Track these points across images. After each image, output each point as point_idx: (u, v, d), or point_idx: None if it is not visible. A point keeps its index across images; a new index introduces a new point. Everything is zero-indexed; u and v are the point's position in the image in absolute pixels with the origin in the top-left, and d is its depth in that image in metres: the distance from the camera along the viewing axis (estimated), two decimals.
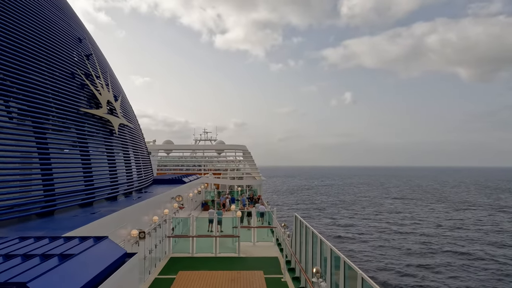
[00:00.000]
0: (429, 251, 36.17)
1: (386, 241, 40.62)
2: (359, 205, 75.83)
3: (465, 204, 79.22)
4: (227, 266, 15.99)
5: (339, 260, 8.82)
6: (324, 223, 53.86)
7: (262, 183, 44.02)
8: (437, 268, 30.26)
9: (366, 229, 48.16)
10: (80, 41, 14.36)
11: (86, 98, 13.00)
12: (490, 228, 49.37)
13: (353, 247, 38.15)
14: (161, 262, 16.48)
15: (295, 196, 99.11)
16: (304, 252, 13.37)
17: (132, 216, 12.27)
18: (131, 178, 16.72)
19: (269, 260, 17.06)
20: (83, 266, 4.32)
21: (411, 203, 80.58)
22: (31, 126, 9.70)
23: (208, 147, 47.24)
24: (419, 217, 59.26)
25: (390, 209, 69.62)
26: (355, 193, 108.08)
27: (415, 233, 45.05)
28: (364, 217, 59.47)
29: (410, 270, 29.78)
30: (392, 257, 34.02)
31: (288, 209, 66.14)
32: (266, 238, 21.21)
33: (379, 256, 34.31)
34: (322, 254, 10.92)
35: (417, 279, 27.43)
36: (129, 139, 17.41)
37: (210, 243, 18.41)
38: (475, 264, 31.65)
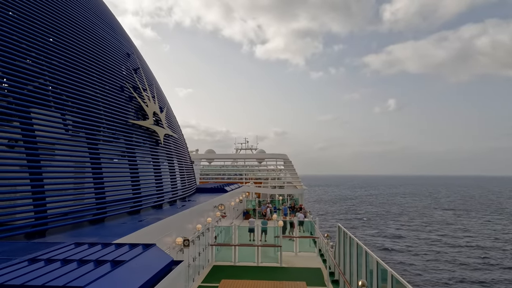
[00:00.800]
0: (485, 266, 33.91)
1: (437, 255, 38.56)
2: (407, 216, 72.74)
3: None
4: (269, 275, 15.89)
5: (386, 273, 8.47)
6: (369, 234, 52.20)
7: (304, 192, 43.56)
8: (495, 286, 28.28)
9: (415, 241, 46.03)
10: (129, 56, 15.09)
11: (134, 110, 13.59)
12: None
13: (401, 260, 36.59)
14: (204, 270, 16.69)
15: (337, 205, 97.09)
16: (348, 264, 13.00)
17: (176, 224, 12.57)
18: (176, 186, 17.18)
19: (311, 271, 16.75)
20: (133, 273, 4.47)
21: (464, 214, 76.09)
22: (84, 138, 10.28)
23: (249, 156, 47.61)
24: (474, 229, 55.75)
25: (440, 220, 66.17)
26: (402, 203, 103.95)
27: (470, 247, 42.43)
28: (412, 228, 56.90)
29: (464, 286, 28.07)
30: (444, 271, 32.23)
31: (331, 219, 64.91)
32: (308, 249, 20.87)
33: (430, 270, 32.63)
34: (367, 267, 10.56)
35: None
36: (174, 149, 17.94)
37: (252, 252, 18.39)
38: None
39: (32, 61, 9.09)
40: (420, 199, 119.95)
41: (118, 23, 16.61)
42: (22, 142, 8.26)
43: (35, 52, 9.17)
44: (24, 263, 4.38)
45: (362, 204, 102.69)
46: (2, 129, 8.13)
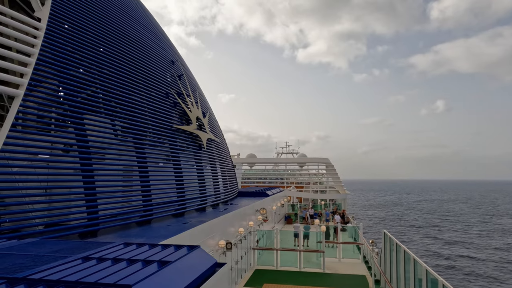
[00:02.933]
0: None
1: (495, 266, 36.11)
2: (460, 224, 68.78)
3: None
4: (311, 281, 15.66)
5: (437, 283, 8.07)
6: (417, 241, 49.98)
7: (347, 197, 42.63)
8: None
9: (469, 250, 43.43)
10: (173, 63, 15.59)
11: (178, 115, 14.00)
12: None
13: (454, 270, 34.68)
14: (247, 273, 16.75)
15: (383, 211, 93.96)
16: (395, 272, 12.52)
17: (219, 227, 12.74)
18: (218, 190, 17.44)
19: (356, 278, 16.30)
20: (179, 273, 4.57)
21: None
22: (132, 142, 10.72)
23: (290, 160, 47.40)
24: None
25: (499, 228, 61.91)
26: (454, 210, 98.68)
27: None
28: (467, 237, 53.66)
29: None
30: (501, 282, 30.16)
31: (376, 225, 62.92)
32: (352, 255, 20.35)
33: (485, 280, 30.68)
34: (416, 275, 10.11)
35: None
36: (216, 153, 18.24)
37: (295, 257, 18.23)
38: None
39: (84, 70, 9.64)
40: (474, 205, 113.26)
41: (163, 32, 17.22)
42: (76, 147, 8.76)
43: (87, 62, 9.72)
44: (78, 261, 4.62)
45: (409, 210, 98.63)
46: (58, 134, 8.67)
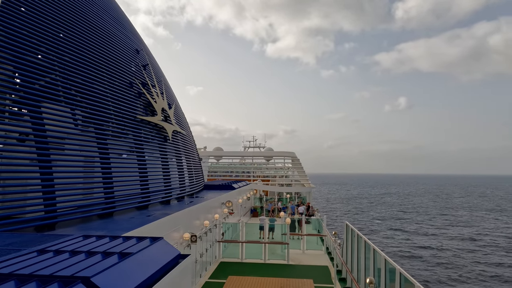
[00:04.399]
0: (503, 267, 33.51)
1: (451, 255, 38.13)
2: (420, 216, 72.01)
3: None
4: (276, 273, 15.90)
5: (395, 271, 8.42)
6: (378, 233, 51.88)
7: (312, 191, 43.44)
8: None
9: (428, 242, 45.54)
10: (138, 52, 15.17)
11: (142, 106, 13.67)
12: None
13: (412, 259, 36.33)
14: (212, 266, 16.75)
15: (346, 204, 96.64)
16: (356, 262, 12.95)
17: (184, 219, 12.63)
18: (183, 183, 17.25)
19: (319, 269, 16.72)
20: (141, 265, 4.50)
21: (484, 215, 74.58)
22: (94, 133, 10.37)
23: (257, 153, 47.60)
24: (495, 232, 54.58)
25: (457, 221, 65.20)
26: (414, 203, 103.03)
27: (489, 250, 41.73)
28: (426, 228, 56.21)
29: (475, 283, 27.79)
30: (456, 269, 31.94)
31: (339, 218, 64.65)
32: (315, 247, 20.84)
33: (442, 269, 32.40)
34: (375, 265, 10.50)
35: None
36: (182, 146, 18.01)
37: (260, 249, 18.42)
38: None
39: (43, 57, 9.19)
40: (434, 199, 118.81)
41: (128, 20, 16.70)
42: (33, 136, 8.35)
43: (46, 48, 9.26)
44: (33, 253, 4.43)
45: (372, 203, 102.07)
46: (13, 123, 8.23)
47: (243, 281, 14.39)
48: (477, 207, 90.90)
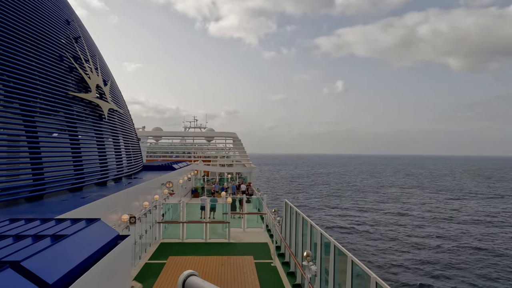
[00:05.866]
0: (425, 240, 36.91)
1: (386, 229, 41.17)
2: (355, 194, 76.58)
3: (461, 192, 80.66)
4: (217, 251, 16.10)
5: (329, 245, 8.92)
6: (316, 210, 54.40)
7: (253, 171, 44.13)
8: (425, 253, 30.97)
9: (360, 217, 48.70)
10: (68, 23, 14.04)
11: (74, 81, 12.77)
12: (487, 216, 50.40)
13: (345, 233, 38.73)
14: (152, 247, 16.51)
15: (286, 183, 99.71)
16: (294, 238, 13.51)
17: (122, 201, 12.22)
18: (121, 163, 16.60)
19: (259, 246, 17.21)
20: (76, 247, 4.29)
21: (409, 192, 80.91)
22: (19, 109, 9.51)
23: (198, 134, 47.04)
24: (418, 207, 59.45)
25: (385, 198, 70.23)
26: (348, 182, 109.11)
27: (413, 222, 45.62)
28: (358, 205, 60.00)
29: (397, 254, 30.43)
30: (385, 242, 34.66)
31: (280, 197, 66.61)
32: (256, 225, 21.37)
33: (371, 242, 34.98)
34: (312, 240, 11.04)
35: (403, 263, 28.06)
36: (119, 125, 17.23)
37: (200, 229, 18.47)
38: (466, 251, 32.45)
39: None
40: (366, 178, 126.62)
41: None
42: None
43: None
44: None
45: (311, 182, 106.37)
46: None
47: (183, 261, 14.41)
48: (404, 185, 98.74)
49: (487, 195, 74.84)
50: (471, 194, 76.55)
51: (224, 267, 13.72)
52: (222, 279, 12.56)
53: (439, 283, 24.38)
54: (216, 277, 12.71)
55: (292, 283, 12.28)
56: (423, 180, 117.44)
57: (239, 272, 13.22)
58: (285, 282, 12.49)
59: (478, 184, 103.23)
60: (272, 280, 12.76)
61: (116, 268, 5.11)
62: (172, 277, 12.60)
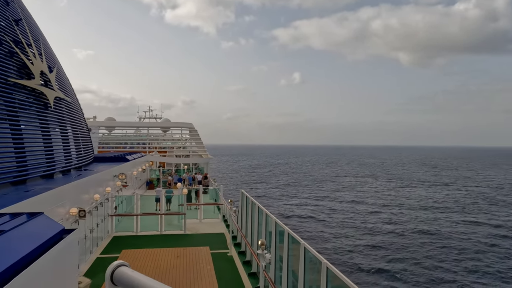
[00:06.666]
0: (374, 226, 38.63)
1: (342, 217, 42.60)
2: (310, 183, 78.43)
3: (410, 180, 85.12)
4: (172, 243, 15.91)
5: (284, 233, 9.09)
6: (275, 200, 55.18)
7: (210, 162, 43.82)
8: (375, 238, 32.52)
9: (318, 206, 50.07)
10: (7, 4, 13.02)
11: (15, 67, 11.91)
12: (434, 202, 53.57)
13: (303, 221, 39.70)
14: (104, 241, 15.98)
15: (244, 174, 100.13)
16: (250, 227, 13.64)
17: (71, 194, 11.68)
18: (69, 155, 15.82)
19: (215, 236, 17.22)
20: (16, 243, 4.04)
21: (363, 181, 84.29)
22: None
23: (153, 124, 45.80)
24: (371, 195, 62.13)
25: (340, 187, 72.59)
26: (305, 172, 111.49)
27: (366, 210, 47.59)
28: (315, 194, 61.58)
29: (347, 240, 31.72)
30: (340, 229, 35.94)
31: (237, 187, 66.84)
32: (212, 215, 21.34)
33: (328, 229, 36.24)
34: (267, 228, 11.20)
35: (352, 246, 29.31)
36: (67, 114, 16.36)
37: (155, 221, 18.15)
38: (413, 236, 34.40)
39: None
40: (323, 168, 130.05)
41: None
42: None
43: None
44: None
45: (269, 172, 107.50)
46: None
47: (137, 254, 14.12)
48: (358, 174, 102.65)
49: (434, 183, 79.76)
50: (419, 182, 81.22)
51: (180, 259, 13.59)
52: (177, 270, 12.43)
53: (390, 266, 25.76)
54: (171, 269, 12.56)
55: (247, 272, 12.41)
56: (376, 169, 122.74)
57: (194, 263, 13.15)
58: (241, 271, 12.60)
59: (425, 172, 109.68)
60: (228, 269, 12.82)
61: (61, 264, 4.88)
62: None
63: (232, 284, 11.60)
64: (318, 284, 6.64)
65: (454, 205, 51.07)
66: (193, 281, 11.57)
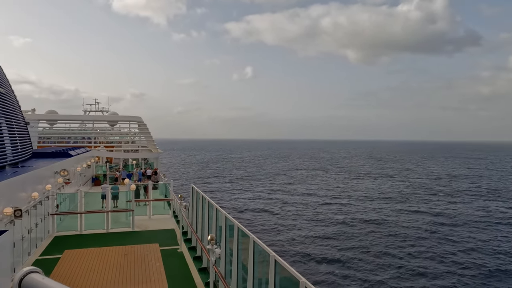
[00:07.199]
0: (324, 217, 39.77)
1: (288, 208, 43.39)
2: (263, 177, 79.06)
3: (358, 173, 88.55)
4: (120, 241, 15.34)
5: (233, 227, 9.06)
6: (228, 194, 55.06)
7: (160, 156, 42.70)
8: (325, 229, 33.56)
9: (271, 199, 50.55)
10: None
11: None
12: (380, 193, 56.13)
13: (253, 215, 39.97)
14: (44, 242, 15.04)
15: (196, 169, 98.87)
16: (201, 222, 13.48)
17: (5, 192, 10.82)
18: (3, 150, 14.64)
19: (165, 233, 16.86)
20: None
21: (313, 174, 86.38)
22: None
23: (99, 118, 43.61)
24: (321, 187, 63.81)
25: (292, 180, 73.83)
26: (257, 165, 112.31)
27: (317, 201, 48.85)
28: (268, 188, 62.18)
29: (297, 233, 32.48)
30: (292, 221, 36.63)
31: (189, 182, 65.94)
32: (162, 211, 20.86)
33: (281, 221, 36.84)
34: (217, 223, 11.11)
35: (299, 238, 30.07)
36: (0, 106, 15.11)
37: (101, 219, 17.38)
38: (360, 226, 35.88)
39: None
40: (275, 161, 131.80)
41: None
42: None
43: None
44: None
45: (222, 167, 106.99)
46: None
47: (81, 254, 13.44)
48: (309, 167, 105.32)
49: (379, 175, 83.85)
50: (366, 174, 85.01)
51: (128, 257, 13.11)
52: (124, 269, 11.98)
53: (340, 254, 26.79)
54: (118, 268, 12.08)
55: (198, 267, 12.27)
56: (326, 163, 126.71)
57: (143, 261, 12.75)
58: (191, 267, 12.43)
59: (371, 165, 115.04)
60: (178, 266, 12.59)
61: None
62: (68, 272, 11.63)
63: (182, 280, 11.40)
64: (267, 276, 6.69)
65: (398, 196, 54.04)
66: (141, 279, 11.21)
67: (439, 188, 62.27)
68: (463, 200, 50.92)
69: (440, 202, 48.58)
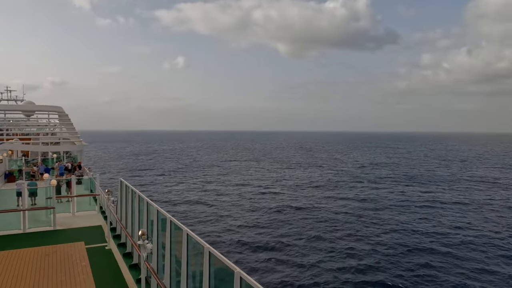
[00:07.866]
0: (254, 206, 40.38)
1: (223, 199, 43.33)
2: (196, 169, 77.98)
3: (289, 163, 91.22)
4: (40, 241, 14.11)
5: (166, 220, 8.75)
6: (161, 187, 53.47)
7: (84, 149, 40.02)
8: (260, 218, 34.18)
9: (206, 191, 50.05)
10: None
11: None
12: (311, 182, 58.30)
13: (188, 207, 39.36)
14: None
15: (125, 162, 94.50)
16: (131, 217, 12.87)
17: None
18: None
19: (91, 230, 15.89)
20: None
21: (247, 165, 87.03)
22: None
23: (11, 107, 39.51)
24: (255, 177, 64.61)
25: (226, 171, 73.78)
26: (190, 157, 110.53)
27: (251, 191, 49.38)
28: (202, 179, 61.49)
29: (234, 224, 32.73)
30: (227, 211, 36.64)
31: (117, 176, 62.88)
32: (88, 207, 19.64)
33: (216, 211, 36.67)
34: (148, 217, 10.67)
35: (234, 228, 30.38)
36: None
37: (17, 218, 15.82)
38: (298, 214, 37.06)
39: None
40: (208, 152, 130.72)
41: None
42: None
43: None
44: None
45: (153, 159, 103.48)
46: None
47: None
48: (242, 158, 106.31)
49: (310, 164, 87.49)
50: (297, 164, 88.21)
51: (49, 258, 12.10)
52: (45, 272, 11.02)
53: (274, 241, 27.48)
54: (38, 270, 11.08)
55: (128, 264, 11.72)
56: (258, 153, 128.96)
57: (67, 261, 11.85)
58: (121, 264, 11.83)
59: (302, 155, 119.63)
60: (106, 264, 11.91)
61: None
62: None
63: (111, 278, 10.81)
64: (201, 269, 6.56)
65: (327, 183, 56.90)
66: (65, 281, 10.39)
67: (363, 176, 66.69)
68: (384, 186, 55.15)
69: (364, 189, 52.09)
